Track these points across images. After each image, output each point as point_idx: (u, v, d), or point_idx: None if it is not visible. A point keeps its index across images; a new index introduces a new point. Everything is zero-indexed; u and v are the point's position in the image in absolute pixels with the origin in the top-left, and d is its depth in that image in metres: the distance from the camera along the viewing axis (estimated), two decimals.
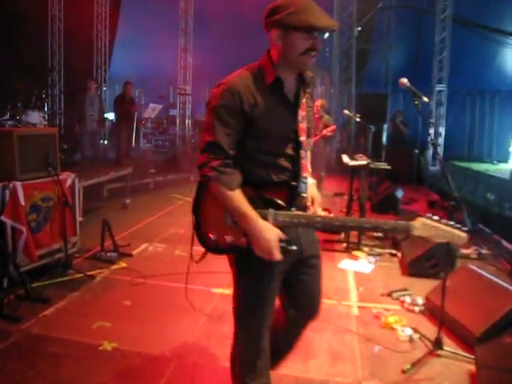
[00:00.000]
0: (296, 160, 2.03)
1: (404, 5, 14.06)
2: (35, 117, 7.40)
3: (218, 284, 4.41)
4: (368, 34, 14.55)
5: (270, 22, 1.88)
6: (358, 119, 6.71)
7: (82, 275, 4.49)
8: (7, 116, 7.19)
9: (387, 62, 14.67)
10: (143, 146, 13.81)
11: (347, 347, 3.42)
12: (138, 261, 5.00)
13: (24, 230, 4.04)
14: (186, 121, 12.14)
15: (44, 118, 7.93)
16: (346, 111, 7.52)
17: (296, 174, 2.04)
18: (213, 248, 2.08)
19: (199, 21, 12.40)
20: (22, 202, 4.04)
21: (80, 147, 9.29)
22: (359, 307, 4.08)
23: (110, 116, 12.72)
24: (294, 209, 1.99)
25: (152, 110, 10.86)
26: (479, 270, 3.95)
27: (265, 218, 1.93)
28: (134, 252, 5.24)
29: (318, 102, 8.55)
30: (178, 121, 12.30)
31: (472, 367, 3.07)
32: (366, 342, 3.48)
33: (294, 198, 2.00)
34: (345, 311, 4.01)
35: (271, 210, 1.95)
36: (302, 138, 2.04)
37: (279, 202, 1.97)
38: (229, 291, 4.27)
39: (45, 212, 4.34)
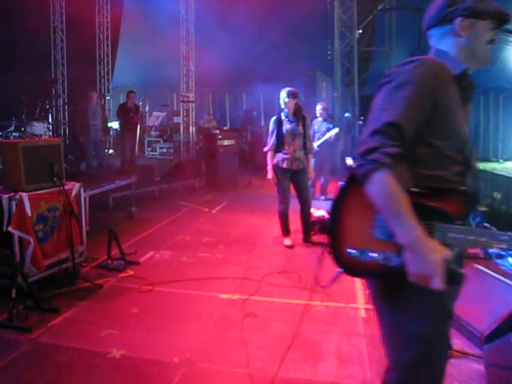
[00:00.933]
0: (469, 164, 1.68)
1: (404, 6, 14.08)
2: (40, 128, 7.46)
3: (225, 290, 4.42)
4: (369, 36, 14.58)
5: (455, 11, 1.68)
6: (360, 122, 6.71)
7: (89, 284, 4.51)
8: (12, 128, 7.26)
9: (389, 63, 14.67)
10: (148, 154, 13.87)
11: (355, 349, 3.42)
12: (145, 268, 5.02)
13: (31, 240, 4.07)
14: (190, 128, 12.18)
15: (48, 128, 7.99)
16: (349, 114, 7.53)
17: (472, 179, 1.67)
18: (351, 268, 1.69)
19: (201, 28, 12.46)
20: (29, 213, 4.07)
21: (85, 157, 9.35)
22: (366, 309, 4.07)
23: (114, 125, 12.81)
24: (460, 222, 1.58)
25: (156, 118, 10.92)
26: (486, 270, 3.93)
27: (430, 233, 1.54)
28: (141, 260, 5.26)
29: (321, 106, 8.58)
30: (181, 128, 12.33)
31: (481, 367, 3.06)
32: (374, 344, 3.48)
33: (470, 209, 1.59)
34: (352, 313, 4.01)
35: (439, 224, 1.56)
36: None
37: (450, 212, 1.56)
38: (236, 297, 4.29)
39: (51, 222, 4.37)
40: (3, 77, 9.28)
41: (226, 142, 9.90)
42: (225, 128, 13.44)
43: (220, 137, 9.86)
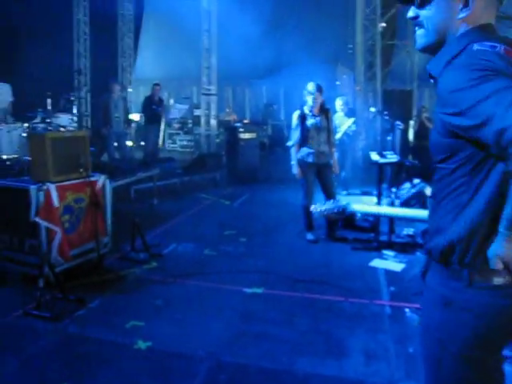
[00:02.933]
0: None
1: None
2: (65, 119, 7.55)
3: (249, 283, 4.42)
4: (392, 29, 14.37)
5: None
6: (386, 117, 6.64)
7: (114, 275, 4.55)
8: (38, 119, 7.35)
9: (412, 57, 14.46)
10: (168, 147, 13.92)
11: (381, 346, 3.39)
12: (168, 261, 5.04)
13: (58, 230, 4.11)
14: (211, 121, 12.18)
15: (73, 120, 8.08)
16: (373, 109, 7.44)
17: None
18: None
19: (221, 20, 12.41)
20: (56, 204, 4.11)
21: (107, 149, 9.42)
22: (391, 306, 4.03)
23: (135, 117, 12.87)
24: None
25: (178, 111, 10.96)
26: None
27: None
28: (164, 252, 5.28)
29: (342, 100, 8.49)
30: (202, 121, 12.35)
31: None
32: (400, 342, 3.44)
33: None
34: (377, 310, 3.97)
35: None
36: None
37: None
38: (260, 290, 4.28)
39: (77, 213, 4.41)
40: (26, 69, 9.40)
41: (246, 135, 9.88)
42: (245, 121, 13.41)
43: (241, 130, 9.85)
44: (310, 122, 5.66)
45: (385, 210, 3.74)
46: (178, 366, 3.11)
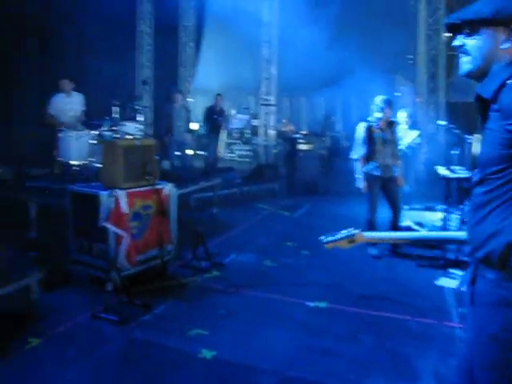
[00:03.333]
0: None
1: None
2: (131, 128, 7.77)
3: (311, 297, 4.35)
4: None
5: None
6: (454, 130, 6.42)
7: (176, 282, 4.61)
8: (106, 127, 7.59)
9: None
10: (226, 156, 14.07)
11: (453, 372, 3.22)
12: (229, 270, 5.05)
13: (126, 236, 4.21)
14: (269, 131, 12.21)
15: (138, 128, 8.30)
16: (442, 122, 7.22)
17: None
18: None
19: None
20: (126, 210, 4.21)
21: (168, 157, 9.61)
22: (462, 328, 3.85)
23: (194, 127, 13.09)
24: None
25: (239, 121, 11.07)
26: None
27: None
28: (225, 261, 5.29)
29: (406, 113, 8.29)
30: (261, 131, 12.41)
31: None
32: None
33: None
34: (447, 332, 3.80)
35: None
36: None
37: None
38: (323, 304, 4.20)
39: (144, 220, 4.51)
40: (92, 79, 9.76)
41: (305, 147, 9.84)
42: (303, 132, 13.38)
43: (300, 141, 9.81)
44: (376, 134, 5.55)
45: (399, 235, 3.39)
46: (244, 378, 3.09)
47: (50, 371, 3.14)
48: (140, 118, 8.56)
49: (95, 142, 6.74)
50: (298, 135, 10.63)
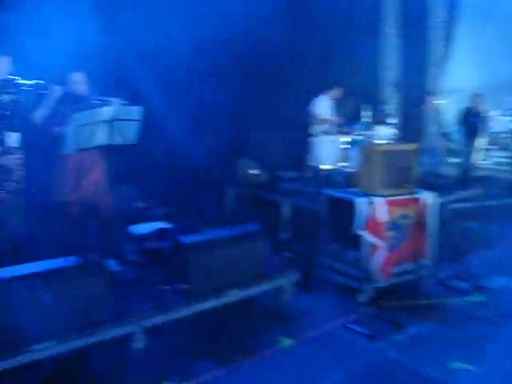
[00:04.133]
0: None
1: None
2: (384, 132, 7.58)
3: None
4: None
5: None
6: None
7: (431, 302, 4.19)
8: (357, 131, 7.53)
9: None
10: (480, 164, 12.74)
11: None
12: (496, 296, 4.36)
13: (383, 246, 3.99)
14: None
15: (392, 132, 8.08)
16: None
17: None
18: None
19: None
20: (383, 218, 4.00)
21: (419, 163, 9.10)
22: None
23: (447, 130, 12.17)
24: None
25: (500, 124, 9.89)
26: None
27: None
28: (491, 285, 4.60)
29: None
30: None
31: None
32: None
33: None
34: None
35: None
36: None
37: None
38: None
39: (402, 230, 4.22)
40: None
41: None
42: None
43: None
44: None
45: None
46: None
47: (303, 375, 3.14)
48: (391, 121, 8.32)
49: (348, 146, 6.72)
50: None
